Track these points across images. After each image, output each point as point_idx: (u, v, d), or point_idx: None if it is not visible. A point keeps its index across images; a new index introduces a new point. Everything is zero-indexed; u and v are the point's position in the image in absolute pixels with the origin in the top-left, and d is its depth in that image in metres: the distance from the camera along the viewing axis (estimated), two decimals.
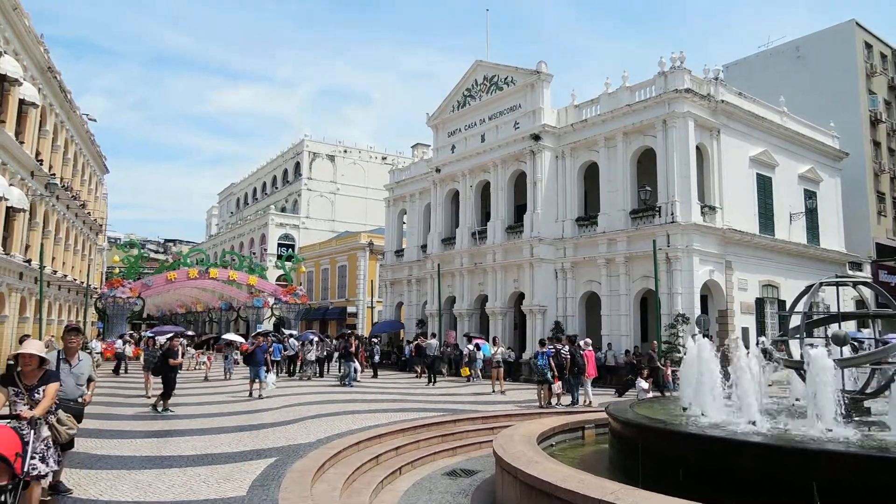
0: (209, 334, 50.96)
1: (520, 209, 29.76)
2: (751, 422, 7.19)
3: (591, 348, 18.69)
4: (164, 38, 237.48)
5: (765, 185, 27.61)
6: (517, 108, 29.95)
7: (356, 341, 25.72)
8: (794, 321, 9.74)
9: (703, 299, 24.53)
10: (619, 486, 5.67)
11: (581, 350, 17.68)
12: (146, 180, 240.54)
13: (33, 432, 5.42)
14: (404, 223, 40.24)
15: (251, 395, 18.00)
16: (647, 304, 25.81)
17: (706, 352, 8.39)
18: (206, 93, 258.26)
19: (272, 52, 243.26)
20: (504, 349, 24.67)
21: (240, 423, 12.91)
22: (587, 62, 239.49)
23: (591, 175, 28.09)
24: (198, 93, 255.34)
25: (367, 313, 46.67)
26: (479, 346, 25.14)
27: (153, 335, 26.48)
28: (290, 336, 29.62)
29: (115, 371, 26.70)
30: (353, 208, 61.90)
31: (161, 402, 14.48)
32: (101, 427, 11.87)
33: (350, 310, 49.45)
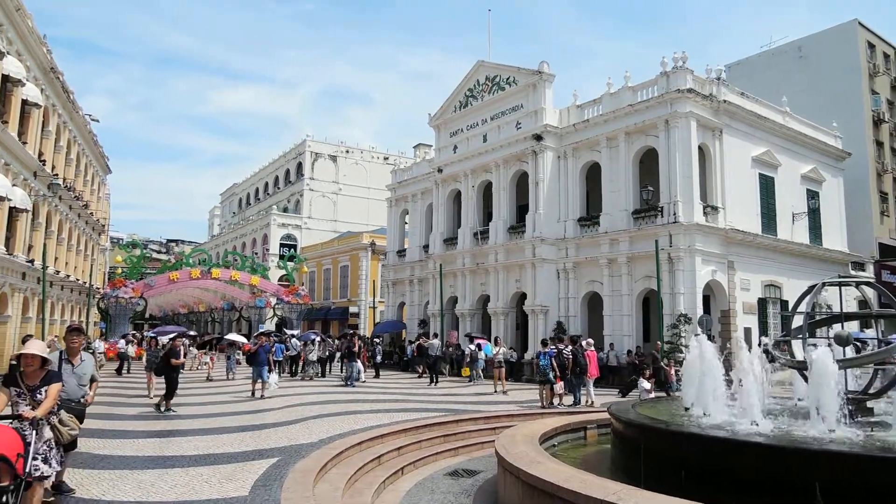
0: (211, 334, 50.99)
1: (522, 209, 29.77)
2: (753, 422, 7.17)
3: (593, 348, 18.68)
4: (165, 38, 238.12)
5: (767, 185, 27.58)
6: (519, 109, 29.95)
7: (359, 341, 25.70)
8: (797, 321, 9.72)
9: (706, 299, 24.51)
10: (622, 487, 5.66)
11: (583, 350, 17.67)
12: (148, 180, 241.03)
13: (35, 433, 5.42)
14: (406, 223, 40.24)
15: (253, 395, 18.02)
16: (650, 305, 25.80)
17: (708, 352, 8.38)
18: (207, 93, 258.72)
19: (273, 53, 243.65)
20: (506, 349, 24.67)
21: (242, 423, 12.92)
22: (589, 62, 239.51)
23: (593, 175, 28.09)
24: (199, 93, 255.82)
25: (369, 313, 46.73)
26: (480, 346, 25.14)
27: (155, 335, 26.60)
28: (292, 336, 29.63)
29: (119, 371, 26.80)
30: (356, 208, 61.97)
31: (164, 402, 14.54)
32: (104, 427, 11.90)
33: (352, 310, 49.52)
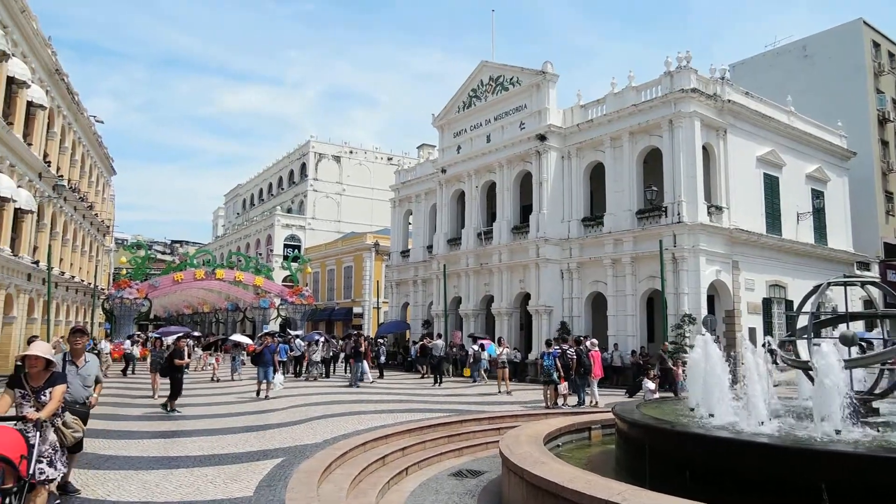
0: (216, 335, 51.16)
1: (525, 209, 29.74)
2: (759, 423, 7.15)
3: (597, 349, 18.65)
4: (167, 39, 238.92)
5: (772, 185, 27.49)
6: (523, 109, 29.92)
7: (365, 342, 25.69)
8: (802, 321, 9.69)
9: (710, 299, 24.43)
10: (626, 487, 5.65)
11: (587, 350, 17.65)
12: (152, 181, 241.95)
13: (39, 435, 5.41)
14: (410, 224, 40.23)
15: (258, 395, 18.05)
16: (654, 305, 25.75)
17: (714, 352, 8.35)
18: (210, 94, 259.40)
19: (276, 54, 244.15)
20: (510, 350, 24.63)
21: (247, 423, 12.95)
22: (592, 62, 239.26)
23: (596, 175, 28.04)
24: (203, 94, 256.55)
25: (372, 314, 46.74)
26: (483, 347, 25.10)
27: (160, 336, 26.68)
28: (296, 337, 29.65)
29: (124, 372, 26.88)
30: (359, 209, 61.98)
31: (169, 402, 14.58)
32: (109, 427, 11.93)
33: (356, 310, 49.52)
